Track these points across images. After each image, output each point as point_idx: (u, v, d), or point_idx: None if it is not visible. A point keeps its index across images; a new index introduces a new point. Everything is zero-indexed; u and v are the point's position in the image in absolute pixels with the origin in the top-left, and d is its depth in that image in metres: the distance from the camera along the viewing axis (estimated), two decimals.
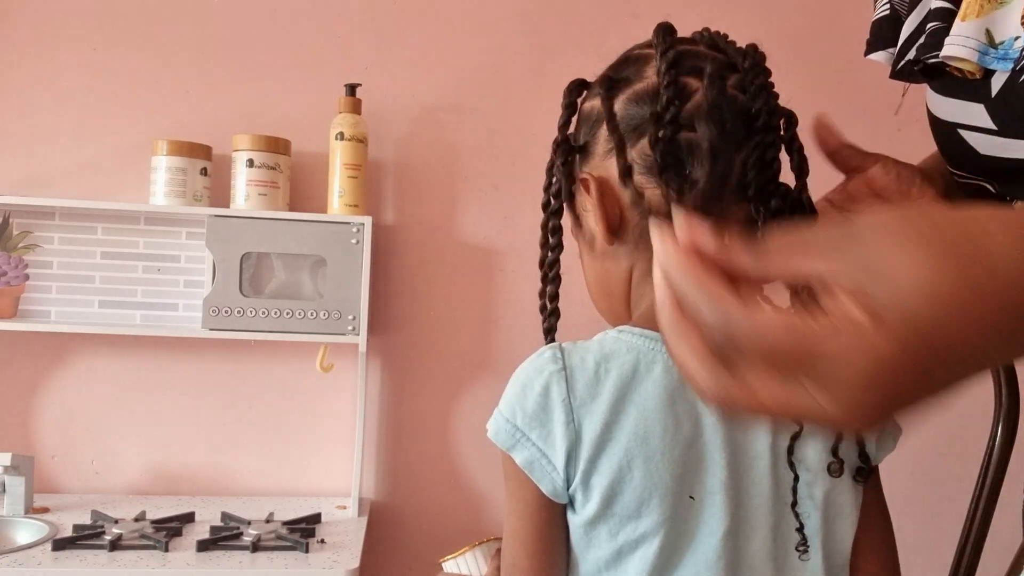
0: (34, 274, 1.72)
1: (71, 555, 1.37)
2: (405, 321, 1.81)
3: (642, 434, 0.61)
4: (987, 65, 0.66)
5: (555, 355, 0.65)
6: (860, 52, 0.78)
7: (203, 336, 1.64)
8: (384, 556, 1.81)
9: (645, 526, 0.62)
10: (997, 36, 0.65)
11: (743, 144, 0.64)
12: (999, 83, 0.66)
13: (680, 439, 0.61)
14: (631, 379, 0.63)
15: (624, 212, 0.67)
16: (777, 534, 0.65)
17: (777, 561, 0.65)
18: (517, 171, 1.83)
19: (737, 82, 0.65)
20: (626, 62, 0.70)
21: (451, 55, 1.82)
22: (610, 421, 0.62)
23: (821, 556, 0.66)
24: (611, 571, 0.64)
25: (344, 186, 1.68)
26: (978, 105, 0.68)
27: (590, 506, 0.63)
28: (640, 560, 0.63)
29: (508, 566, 0.67)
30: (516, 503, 0.66)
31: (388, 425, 1.81)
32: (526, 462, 0.64)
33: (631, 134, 0.66)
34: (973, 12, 0.66)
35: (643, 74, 0.67)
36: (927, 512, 1.90)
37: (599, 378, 0.63)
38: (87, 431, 1.76)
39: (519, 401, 0.64)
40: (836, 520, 0.67)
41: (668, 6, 1.88)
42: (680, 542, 0.63)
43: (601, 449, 0.61)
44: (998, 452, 0.89)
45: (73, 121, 1.74)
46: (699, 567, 0.63)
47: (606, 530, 0.63)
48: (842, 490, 0.67)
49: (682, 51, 0.65)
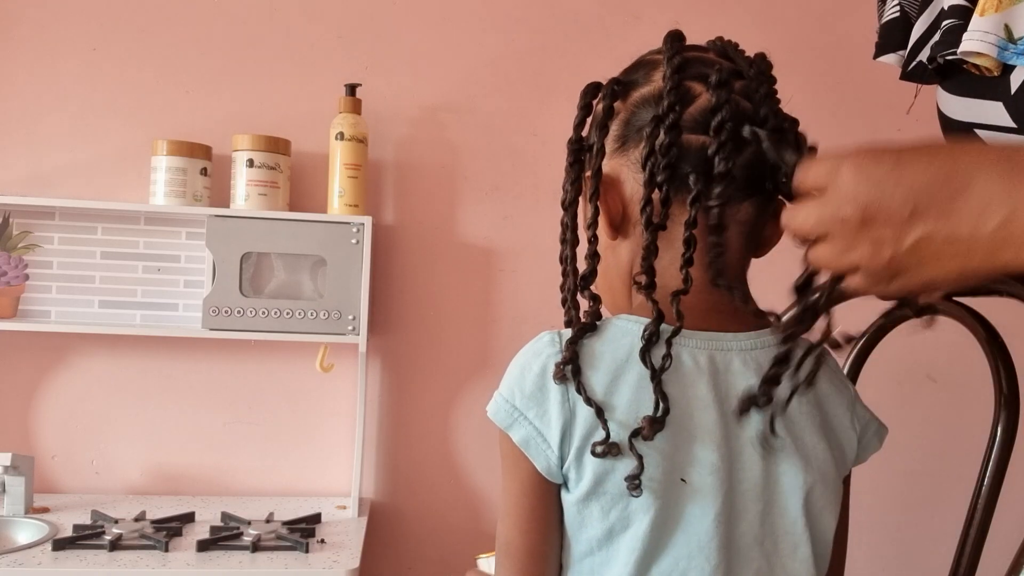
0: (34, 274, 1.72)
1: (71, 555, 1.37)
2: (405, 321, 1.81)
3: (634, 412, 0.63)
4: (1007, 60, 0.66)
5: (553, 339, 0.67)
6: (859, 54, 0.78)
7: (203, 336, 1.64)
8: (384, 556, 1.81)
9: (635, 505, 0.64)
10: (1017, 31, 0.65)
11: (745, 147, 0.66)
12: (1019, 80, 0.66)
13: (671, 420, 0.63)
14: (625, 362, 0.65)
15: (626, 208, 0.71)
16: (765, 520, 0.67)
17: (764, 547, 0.67)
18: (517, 171, 1.83)
19: (742, 88, 0.67)
20: (637, 66, 0.73)
21: (451, 55, 1.82)
22: (604, 400, 0.64)
23: (810, 546, 0.68)
24: (603, 550, 0.66)
25: (344, 186, 1.68)
26: (996, 103, 0.68)
27: (583, 484, 0.65)
28: (631, 539, 0.64)
29: (503, 543, 0.69)
30: (511, 482, 0.68)
31: (388, 425, 1.81)
32: (523, 440, 0.66)
33: (635, 135, 0.69)
34: (992, 7, 0.66)
35: (651, 78, 0.70)
36: (927, 512, 1.90)
37: (594, 359, 0.65)
38: (87, 431, 1.76)
39: (517, 382, 0.67)
40: (823, 512, 0.69)
41: (669, 7, 1.89)
42: (671, 523, 0.64)
43: (595, 427, 0.63)
44: (998, 452, 0.89)
45: (73, 121, 1.74)
46: (691, 548, 0.64)
47: (598, 508, 0.65)
48: (828, 483, 0.69)
49: (689, 57, 0.68)
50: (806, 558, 0.68)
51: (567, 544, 0.68)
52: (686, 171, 0.66)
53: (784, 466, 0.67)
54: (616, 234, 0.71)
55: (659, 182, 0.66)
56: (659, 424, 0.62)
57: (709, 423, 0.65)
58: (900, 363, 1.92)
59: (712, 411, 0.65)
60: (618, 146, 0.70)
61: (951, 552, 0.94)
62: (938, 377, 1.92)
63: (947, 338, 1.82)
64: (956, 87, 0.71)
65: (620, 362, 0.65)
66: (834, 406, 0.71)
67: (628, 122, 0.70)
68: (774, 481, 0.67)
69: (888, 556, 1.91)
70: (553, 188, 2.06)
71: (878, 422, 0.74)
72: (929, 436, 1.90)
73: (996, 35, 0.65)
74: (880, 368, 0.98)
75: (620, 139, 0.70)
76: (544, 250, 1.83)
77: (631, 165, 0.69)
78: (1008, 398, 0.87)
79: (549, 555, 0.69)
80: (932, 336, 2.02)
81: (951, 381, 1.91)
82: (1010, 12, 0.65)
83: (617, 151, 0.71)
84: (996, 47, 0.65)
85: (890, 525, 1.90)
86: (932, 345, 1.91)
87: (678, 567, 0.65)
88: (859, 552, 1.95)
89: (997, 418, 0.89)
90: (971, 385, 1.13)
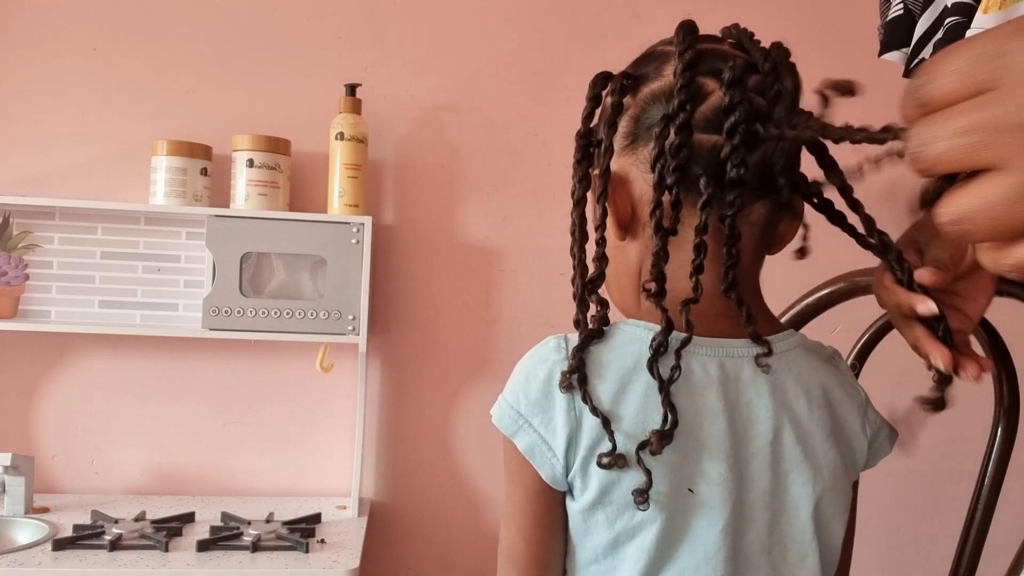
0: (34, 274, 1.72)
1: (71, 555, 1.37)
2: (405, 321, 1.81)
3: (641, 423, 0.62)
4: None
5: (559, 345, 0.66)
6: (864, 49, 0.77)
7: (203, 336, 1.64)
8: (384, 556, 1.81)
9: (642, 515, 0.62)
10: None
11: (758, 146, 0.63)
12: None
13: (679, 432, 0.61)
14: (632, 369, 0.63)
15: (635, 208, 0.68)
16: (773, 530, 0.66)
17: (772, 556, 0.66)
18: (517, 171, 1.83)
19: (756, 84, 0.64)
20: (648, 58, 0.69)
21: (451, 55, 1.82)
22: (610, 409, 0.62)
23: (818, 555, 0.67)
24: (608, 559, 0.65)
25: (344, 186, 1.68)
26: None
27: (588, 493, 0.63)
28: (637, 548, 0.63)
29: (505, 550, 0.68)
30: (515, 488, 0.67)
31: (388, 425, 1.81)
32: (527, 448, 0.64)
33: (645, 133, 0.66)
34: (995, 4, 0.65)
35: (662, 72, 0.67)
36: (927, 512, 1.90)
37: (601, 368, 0.64)
38: (87, 431, 1.76)
39: (523, 388, 0.65)
40: (832, 520, 0.68)
41: (669, 6, 1.88)
42: (678, 533, 0.63)
43: (601, 437, 0.62)
44: (998, 452, 0.89)
45: (73, 121, 1.74)
46: (698, 558, 0.63)
47: (604, 517, 0.64)
48: (839, 490, 0.67)
49: (701, 51, 0.64)
50: (814, 567, 0.67)
51: (572, 551, 0.67)
52: (697, 173, 0.63)
53: (793, 475, 0.65)
54: (625, 234, 0.69)
55: (669, 184, 0.63)
56: (667, 438, 0.60)
57: (718, 433, 0.63)
58: (900, 363, 1.92)
59: (721, 421, 0.63)
60: (627, 143, 0.67)
61: (951, 552, 0.94)
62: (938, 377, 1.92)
63: None
64: None
65: (627, 370, 0.63)
66: (845, 410, 0.69)
67: (638, 119, 0.67)
68: (783, 490, 0.65)
69: (888, 556, 1.91)
70: (553, 188, 2.07)
71: (889, 426, 0.73)
72: (929, 436, 1.89)
73: None
74: (880, 368, 0.98)
75: (630, 136, 0.67)
76: (544, 250, 1.84)
77: (641, 164, 0.67)
78: (1008, 399, 0.87)
79: (552, 562, 0.68)
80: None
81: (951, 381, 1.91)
82: (1013, 9, 0.64)
83: (626, 148, 0.68)
84: None
85: (890, 525, 1.90)
86: None
87: None
88: (859, 552, 1.95)
89: (997, 418, 0.89)
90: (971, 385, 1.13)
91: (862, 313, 0.85)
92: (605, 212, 0.67)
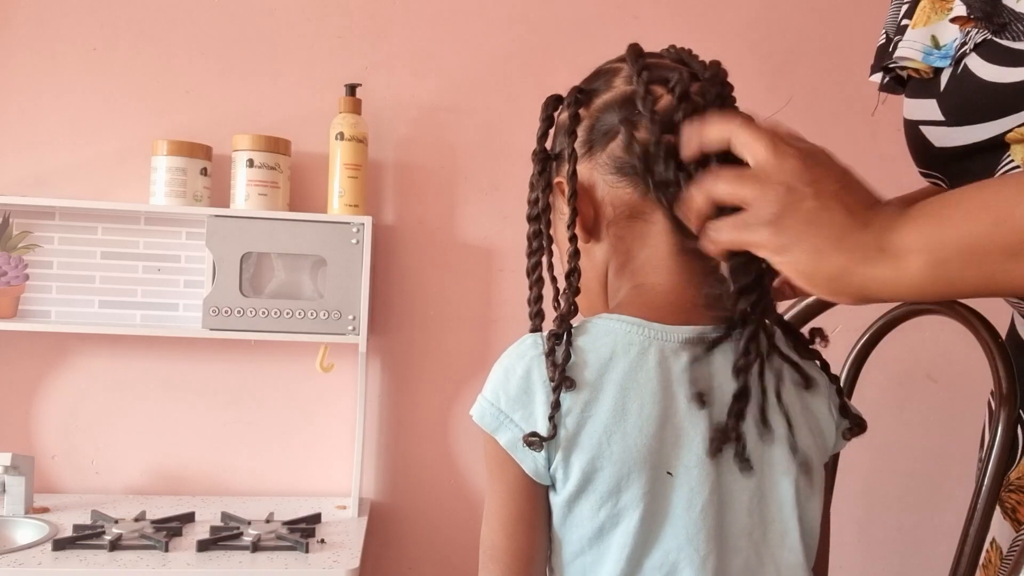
0: (34, 274, 1.72)
1: (71, 555, 1.37)
2: (405, 321, 1.81)
3: (619, 411, 0.65)
4: (931, 63, 0.78)
5: (536, 341, 0.69)
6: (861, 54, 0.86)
7: (203, 336, 1.64)
8: (384, 556, 1.81)
9: (625, 501, 0.65)
10: (942, 40, 0.78)
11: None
12: (946, 78, 0.77)
13: (655, 416, 0.65)
14: (608, 360, 0.66)
15: (598, 211, 0.72)
16: (753, 510, 0.68)
17: (753, 536, 0.68)
18: (517, 171, 1.82)
19: (699, 89, 0.70)
20: (597, 75, 0.75)
21: (451, 55, 1.82)
22: (589, 400, 0.65)
23: (799, 534, 0.69)
24: (594, 549, 0.67)
25: (344, 186, 1.68)
26: (931, 100, 0.79)
27: (570, 483, 0.66)
28: (622, 535, 0.65)
29: (487, 547, 0.70)
30: (497, 485, 0.69)
31: (388, 425, 1.81)
32: (509, 443, 0.67)
33: (601, 139, 0.71)
34: (921, 22, 0.80)
35: (612, 84, 0.72)
36: (927, 511, 1.90)
37: (578, 360, 0.66)
38: (87, 431, 1.76)
39: (502, 385, 0.68)
40: (809, 499, 0.70)
41: (667, 7, 1.89)
42: (660, 516, 0.66)
43: (581, 427, 0.65)
44: (997, 451, 0.89)
45: (73, 121, 1.74)
46: (680, 540, 0.65)
47: (588, 507, 0.66)
48: (814, 471, 0.70)
49: (650, 63, 0.71)
50: (795, 546, 0.69)
51: (556, 547, 0.69)
52: (658, 168, 0.68)
53: (769, 457, 0.68)
54: (589, 237, 0.73)
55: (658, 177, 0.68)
56: (645, 424, 0.64)
57: (693, 417, 0.66)
58: (900, 363, 1.92)
59: (695, 405, 0.66)
60: (585, 151, 0.72)
61: (951, 552, 0.94)
62: (938, 377, 1.92)
63: (947, 338, 1.83)
64: (909, 91, 0.84)
65: (604, 361, 0.66)
66: (814, 393, 0.72)
67: (593, 128, 0.72)
68: (761, 473, 0.68)
69: (888, 556, 1.91)
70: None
71: (854, 414, 0.75)
72: (929, 436, 1.90)
73: (922, 43, 0.79)
74: (880, 368, 0.98)
75: (586, 144, 0.72)
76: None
77: (599, 167, 0.71)
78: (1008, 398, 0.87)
79: (536, 558, 0.69)
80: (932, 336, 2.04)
81: (951, 381, 1.91)
82: (936, 26, 0.78)
83: (584, 156, 0.72)
84: (921, 52, 0.79)
85: (890, 525, 1.90)
86: (932, 345, 1.91)
87: (668, 559, 0.66)
88: (859, 551, 1.95)
89: (997, 418, 0.89)
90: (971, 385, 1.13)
91: (862, 313, 0.85)
92: (575, 212, 0.71)
